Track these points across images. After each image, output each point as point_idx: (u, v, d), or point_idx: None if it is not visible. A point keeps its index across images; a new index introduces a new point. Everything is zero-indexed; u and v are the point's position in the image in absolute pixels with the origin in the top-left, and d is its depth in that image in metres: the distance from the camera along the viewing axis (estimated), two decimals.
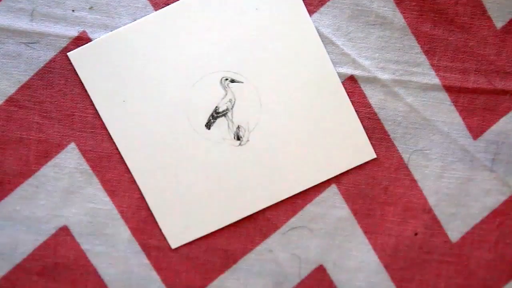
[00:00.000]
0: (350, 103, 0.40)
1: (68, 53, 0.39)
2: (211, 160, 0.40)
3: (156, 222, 0.41)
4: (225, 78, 0.39)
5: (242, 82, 0.39)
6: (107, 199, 0.41)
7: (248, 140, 0.40)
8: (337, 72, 0.39)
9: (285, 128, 0.40)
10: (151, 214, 0.41)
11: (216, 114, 0.39)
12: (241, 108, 0.39)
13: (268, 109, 0.39)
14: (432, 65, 0.40)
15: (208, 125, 0.39)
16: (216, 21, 0.39)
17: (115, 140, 0.40)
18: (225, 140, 0.40)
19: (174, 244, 0.40)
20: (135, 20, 0.39)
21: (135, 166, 0.40)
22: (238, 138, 0.40)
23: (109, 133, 0.40)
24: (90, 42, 0.39)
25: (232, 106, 0.39)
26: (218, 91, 0.39)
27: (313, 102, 0.39)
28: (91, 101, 0.40)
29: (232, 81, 0.39)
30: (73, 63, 0.39)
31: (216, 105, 0.39)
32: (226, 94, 0.39)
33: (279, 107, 0.39)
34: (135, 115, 0.39)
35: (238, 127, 0.39)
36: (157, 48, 0.39)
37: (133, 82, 0.39)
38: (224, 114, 0.39)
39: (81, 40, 0.39)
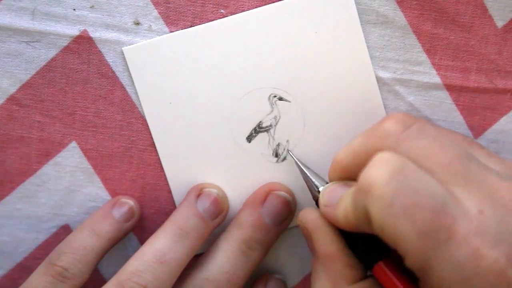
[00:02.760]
0: None
1: (122, 48, 0.39)
2: (246, 173, 0.40)
3: (156, 221, 0.41)
4: (273, 95, 0.39)
5: (290, 101, 0.39)
6: (108, 198, 0.41)
7: (285, 159, 0.40)
8: None
9: (324, 153, 0.40)
10: (152, 213, 0.41)
11: (259, 129, 0.40)
12: (284, 126, 0.40)
13: (310, 131, 0.40)
14: (433, 64, 0.40)
15: (249, 139, 0.40)
16: (275, 38, 0.39)
17: (154, 139, 0.40)
18: (263, 155, 0.40)
19: None
20: (136, 19, 0.39)
21: (170, 167, 0.40)
22: (276, 155, 0.40)
23: (112, 132, 0.40)
24: (146, 41, 0.39)
25: (276, 123, 0.40)
26: (265, 107, 0.39)
27: (357, 132, 0.39)
28: (92, 99, 0.40)
29: (280, 99, 0.39)
30: (126, 58, 0.39)
31: (260, 120, 0.40)
32: (272, 111, 0.39)
33: (321, 131, 0.40)
34: (179, 117, 0.39)
35: (278, 145, 0.40)
36: (211, 56, 0.39)
37: (183, 85, 0.39)
38: (266, 130, 0.39)
39: (82, 39, 0.39)
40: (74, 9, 0.39)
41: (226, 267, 0.36)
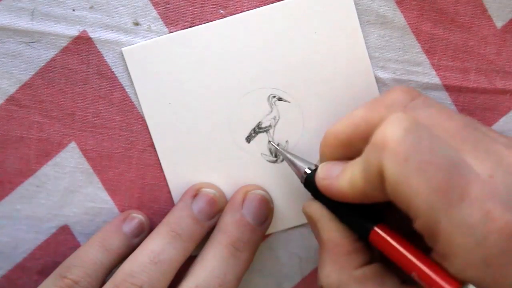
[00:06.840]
0: None
1: (122, 48, 0.39)
2: (245, 173, 0.40)
3: (156, 222, 0.41)
4: (273, 95, 0.39)
5: (289, 102, 0.39)
6: (107, 198, 0.41)
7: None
8: None
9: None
10: (151, 213, 0.41)
11: (258, 129, 0.40)
12: (283, 126, 0.40)
13: (309, 131, 0.40)
14: (433, 64, 0.40)
15: (249, 139, 0.40)
16: (275, 38, 0.39)
17: (153, 139, 0.40)
18: (263, 155, 0.40)
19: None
20: (136, 19, 0.39)
21: (169, 168, 0.40)
22: (276, 156, 0.40)
23: (111, 133, 0.40)
24: (145, 41, 0.39)
25: (275, 124, 0.40)
26: (264, 107, 0.39)
27: None
28: (91, 100, 0.40)
29: (280, 99, 0.39)
30: (126, 59, 0.39)
31: (259, 120, 0.40)
32: (272, 111, 0.39)
33: (320, 132, 0.39)
34: (178, 118, 0.39)
35: (278, 145, 0.39)
36: (211, 57, 0.39)
37: (182, 86, 0.39)
38: (266, 130, 0.40)
39: (81, 39, 0.39)
40: (74, 10, 0.39)
41: (216, 272, 0.36)
